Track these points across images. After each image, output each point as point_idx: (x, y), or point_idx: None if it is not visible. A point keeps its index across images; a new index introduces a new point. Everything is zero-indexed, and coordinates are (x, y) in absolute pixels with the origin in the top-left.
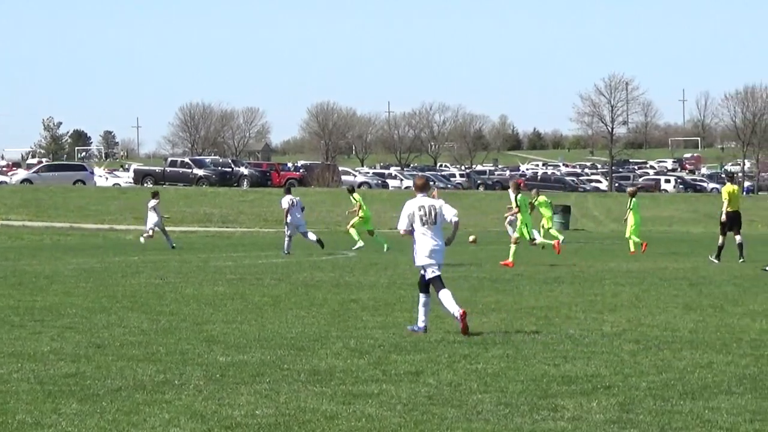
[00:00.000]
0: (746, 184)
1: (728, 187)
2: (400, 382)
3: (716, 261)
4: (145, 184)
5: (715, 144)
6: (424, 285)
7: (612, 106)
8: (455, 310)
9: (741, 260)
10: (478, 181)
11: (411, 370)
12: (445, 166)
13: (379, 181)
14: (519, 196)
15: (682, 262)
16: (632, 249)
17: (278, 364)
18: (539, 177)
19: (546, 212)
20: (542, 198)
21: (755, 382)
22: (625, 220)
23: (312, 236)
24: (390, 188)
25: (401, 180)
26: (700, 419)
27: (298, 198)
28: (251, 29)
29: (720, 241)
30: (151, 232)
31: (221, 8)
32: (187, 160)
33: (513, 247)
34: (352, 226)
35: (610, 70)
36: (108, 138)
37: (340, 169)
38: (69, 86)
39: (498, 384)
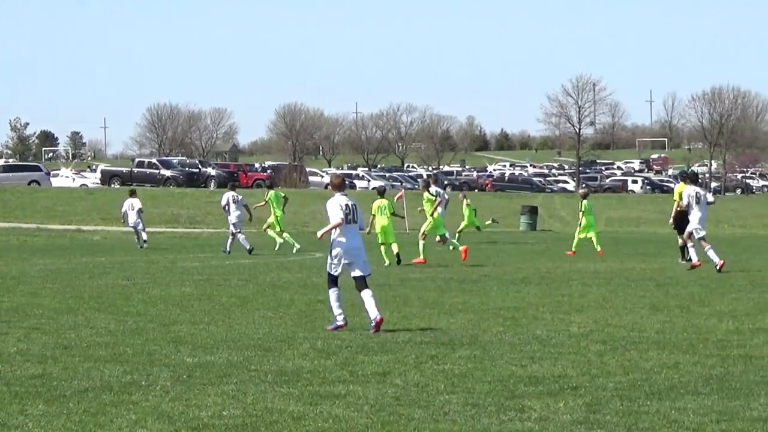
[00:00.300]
0: (713, 185)
1: (681, 187)
2: (367, 383)
3: (683, 262)
4: (112, 185)
5: (682, 145)
6: (333, 281)
7: (579, 107)
8: (375, 314)
9: (681, 261)
10: (446, 182)
11: (378, 371)
12: (413, 166)
13: (347, 182)
14: (433, 189)
15: (649, 262)
16: (598, 248)
17: (245, 364)
18: (507, 178)
19: (469, 216)
20: (468, 202)
21: (722, 383)
22: (580, 223)
23: (243, 241)
24: (357, 189)
25: (369, 181)
26: (667, 419)
27: (240, 196)
28: (219, 30)
29: (680, 241)
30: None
31: (189, 9)
32: (154, 160)
33: (421, 243)
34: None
35: (577, 71)
36: (75, 139)
37: (308, 169)
38: (36, 87)
39: (465, 385)
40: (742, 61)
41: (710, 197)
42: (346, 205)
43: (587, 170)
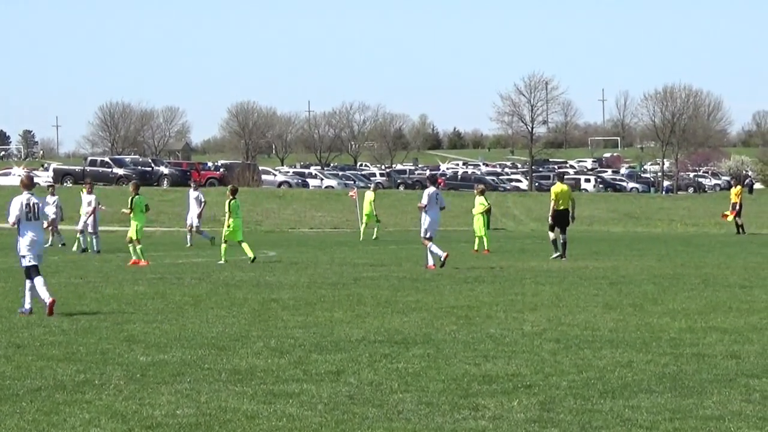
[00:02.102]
0: (665, 183)
1: (556, 187)
2: (321, 382)
3: (556, 255)
4: (65, 184)
5: (635, 143)
6: (28, 272)
7: (532, 106)
8: (46, 297)
9: (556, 256)
10: (398, 181)
11: (332, 370)
12: (366, 165)
13: (300, 181)
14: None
15: (602, 261)
16: (485, 247)
17: (199, 363)
18: (459, 176)
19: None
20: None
21: (675, 381)
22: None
23: (205, 234)
24: (310, 187)
25: (321, 179)
26: (621, 418)
27: (197, 193)
28: (172, 28)
29: (551, 236)
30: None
31: (141, 7)
32: (106, 159)
33: (137, 246)
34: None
35: (530, 70)
36: (27, 137)
37: (261, 168)
38: None
39: (419, 383)
40: (694, 60)
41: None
42: (28, 204)
43: (540, 169)
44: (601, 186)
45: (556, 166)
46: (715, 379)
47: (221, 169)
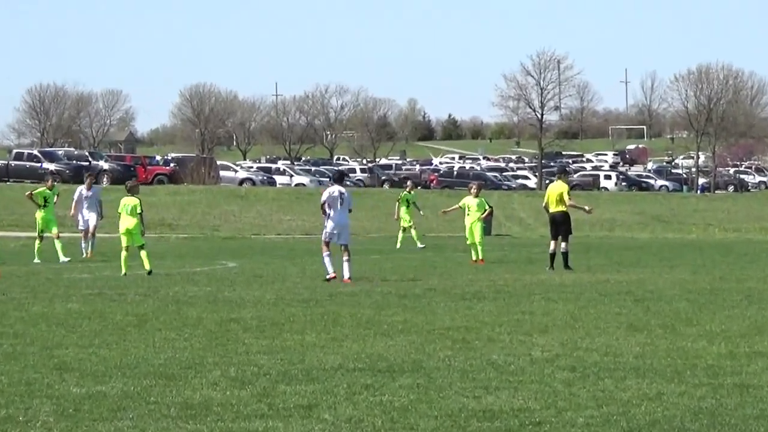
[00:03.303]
0: (700, 181)
1: (553, 186)
2: (290, 418)
3: (547, 269)
4: None
5: (664, 133)
6: None
7: (541, 89)
8: None
9: (548, 268)
10: (383, 177)
11: (303, 404)
12: (344, 159)
13: (265, 178)
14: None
15: (625, 273)
16: (479, 257)
17: (144, 396)
18: (455, 172)
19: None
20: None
21: (713, 417)
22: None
23: (86, 245)
24: (278, 185)
25: (291, 176)
26: None
27: (91, 191)
28: None
29: (551, 247)
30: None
31: None
32: (35, 152)
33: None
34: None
35: (539, 47)
36: None
37: (219, 163)
38: None
39: (407, 420)
40: (734, 36)
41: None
42: None
43: (551, 163)
44: (624, 184)
45: (570, 160)
46: (762, 414)
47: (172, 164)
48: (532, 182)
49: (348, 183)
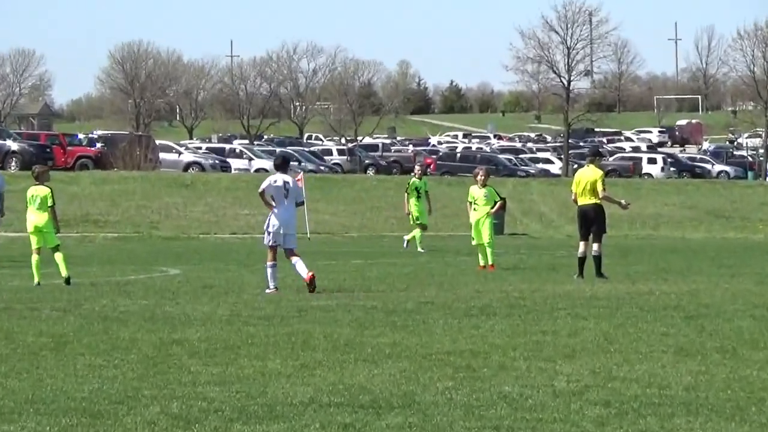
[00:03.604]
0: None
1: (583, 172)
2: None
3: (575, 277)
4: None
5: (724, 105)
6: None
7: (569, 49)
8: None
9: (576, 276)
10: (367, 161)
11: None
12: (318, 138)
13: (217, 161)
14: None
15: (674, 283)
16: (489, 262)
17: None
18: (459, 155)
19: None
20: None
21: None
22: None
23: None
24: (233, 171)
25: (250, 159)
26: None
27: None
28: None
29: (579, 249)
30: None
31: None
32: None
33: None
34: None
35: None
36: None
37: (158, 142)
38: None
39: None
40: None
41: (301, 192)
42: None
43: (580, 143)
44: (672, 170)
45: (604, 139)
46: None
47: (98, 144)
48: (556, 167)
49: (323, 168)
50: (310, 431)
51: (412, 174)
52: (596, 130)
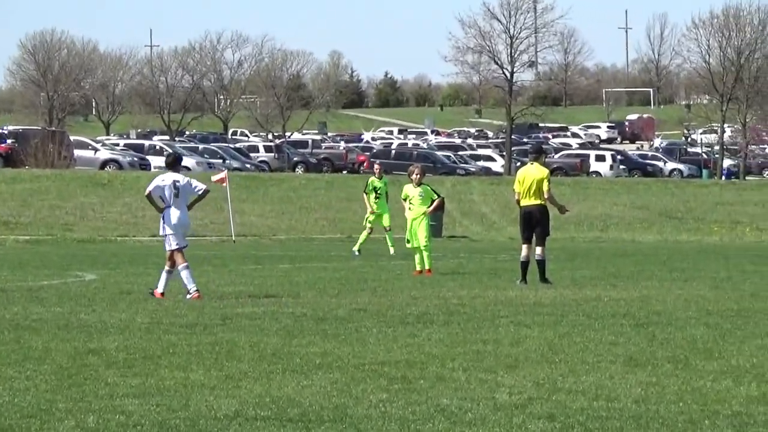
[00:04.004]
0: (726, 163)
1: (527, 170)
2: None
3: (518, 282)
4: None
5: (677, 99)
6: None
7: (512, 38)
8: None
9: (519, 281)
10: (296, 158)
11: None
12: (243, 133)
13: (136, 159)
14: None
15: (623, 289)
16: (426, 266)
17: None
18: (393, 152)
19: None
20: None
21: None
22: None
23: None
24: (153, 169)
25: None
26: None
27: None
28: None
29: (522, 252)
30: None
31: None
32: None
33: None
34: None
35: None
36: None
37: (73, 138)
38: None
39: None
40: None
41: (197, 184)
42: None
43: (524, 139)
44: (622, 168)
45: (549, 135)
46: None
47: (8, 141)
48: (497, 165)
49: (248, 166)
50: None
51: (372, 171)
52: (541, 125)
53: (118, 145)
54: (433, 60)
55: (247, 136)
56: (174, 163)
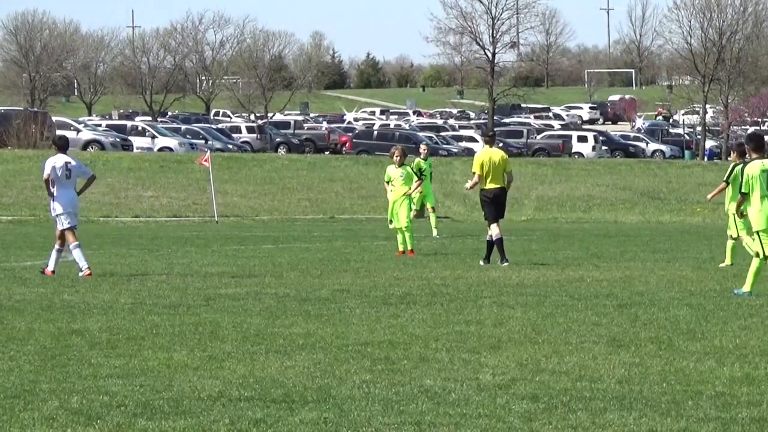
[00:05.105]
0: (708, 144)
1: (491, 153)
2: None
3: (482, 261)
4: None
5: (659, 80)
6: None
7: (494, 19)
8: None
9: (482, 261)
10: (278, 139)
11: None
12: (225, 114)
13: (118, 140)
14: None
15: (606, 270)
16: (409, 247)
17: None
18: (376, 133)
19: None
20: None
21: None
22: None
23: None
24: (135, 150)
25: (154, 137)
26: None
27: None
28: None
29: (495, 231)
30: None
31: None
32: None
33: None
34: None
35: None
36: None
37: (55, 119)
38: None
39: None
40: None
41: (86, 168)
42: None
43: (505, 120)
44: (604, 148)
45: (531, 116)
46: None
47: None
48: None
49: (231, 147)
50: (219, 427)
51: (418, 153)
52: (523, 105)
53: (100, 125)
54: (414, 41)
55: (229, 116)
56: (66, 146)
